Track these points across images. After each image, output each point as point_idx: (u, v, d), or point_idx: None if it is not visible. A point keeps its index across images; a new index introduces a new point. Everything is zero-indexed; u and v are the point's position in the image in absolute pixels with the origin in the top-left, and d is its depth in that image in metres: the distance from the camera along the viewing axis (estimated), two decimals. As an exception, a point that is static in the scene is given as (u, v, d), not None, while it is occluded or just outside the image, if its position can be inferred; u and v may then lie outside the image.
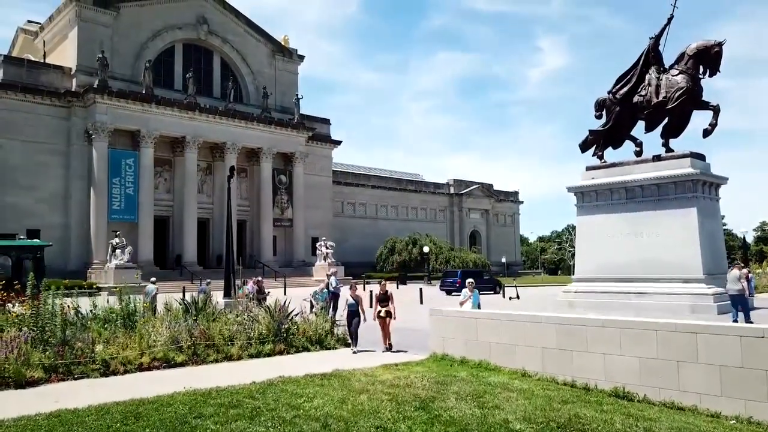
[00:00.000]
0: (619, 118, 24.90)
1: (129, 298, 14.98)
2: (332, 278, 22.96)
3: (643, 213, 23.28)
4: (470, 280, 15.76)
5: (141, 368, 12.15)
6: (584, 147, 26.22)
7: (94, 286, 41.46)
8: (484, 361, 12.08)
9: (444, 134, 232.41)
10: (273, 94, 58.81)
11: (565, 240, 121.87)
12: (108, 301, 15.16)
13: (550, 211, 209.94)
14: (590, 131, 25.99)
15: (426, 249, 57.62)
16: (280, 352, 14.18)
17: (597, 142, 25.83)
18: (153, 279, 23.26)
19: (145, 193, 48.58)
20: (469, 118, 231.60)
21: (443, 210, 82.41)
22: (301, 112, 59.47)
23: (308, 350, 14.70)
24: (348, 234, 67.57)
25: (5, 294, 14.31)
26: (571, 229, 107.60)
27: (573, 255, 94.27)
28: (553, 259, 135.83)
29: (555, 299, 26.43)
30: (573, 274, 29.80)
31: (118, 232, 44.10)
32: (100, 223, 46.40)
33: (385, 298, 14.82)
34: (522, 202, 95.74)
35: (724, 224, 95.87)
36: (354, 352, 14.30)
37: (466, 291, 15.12)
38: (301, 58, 62.99)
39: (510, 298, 33.49)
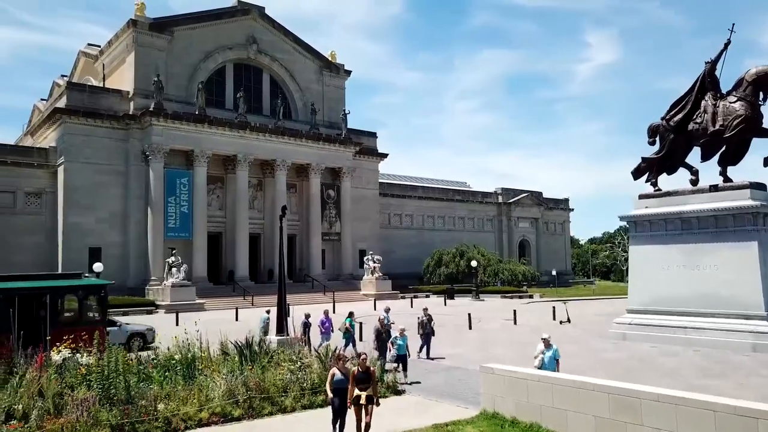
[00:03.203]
0: (673, 145, 24.35)
1: (188, 345, 15.54)
2: (382, 312, 22.75)
3: (700, 245, 22.64)
4: (545, 335, 14.44)
5: (200, 424, 12.61)
6: (637, 174, 25.72)
7: (153, 304, 43.07)
8: (535, 424, 12.03)
9: (489, 133, 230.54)
10: (321, 110, 59.68)
11: (617, 243, 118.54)
12: (164, 348, 15.71)
13: (601, 210, 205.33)
14: (643, 158, 25.47)
15: (474, 263, 57.21)
16: (332, 403, 14.45)
17: (650, 169, 25.32)
18: (267, 309, 25.71)
19: (198, 211, 50.11)
20: (515, 116, 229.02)
21: (491, 219, 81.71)
22: (348, 125, 60.15)
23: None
24: (394, 245, 67.87)
25: (75, 345, 15.07)
26: (623, 232, 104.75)
27: (626, 259, 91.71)
28: (604, 263, 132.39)
29: (608, 330, 25.93)
30: (626, 279, 29.02)
31: (174, 250, 45.65)
32: (157, 241, 48.11)
33: (366, 377, 11.16)
34: (572, 209, 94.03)
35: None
36: None
37: (540, 346, 14.27)
38: (348, 73, 63.68)
39: (561, 322, 32.91)
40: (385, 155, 66.44)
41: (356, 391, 10.98)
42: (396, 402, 14.89)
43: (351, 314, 23.29)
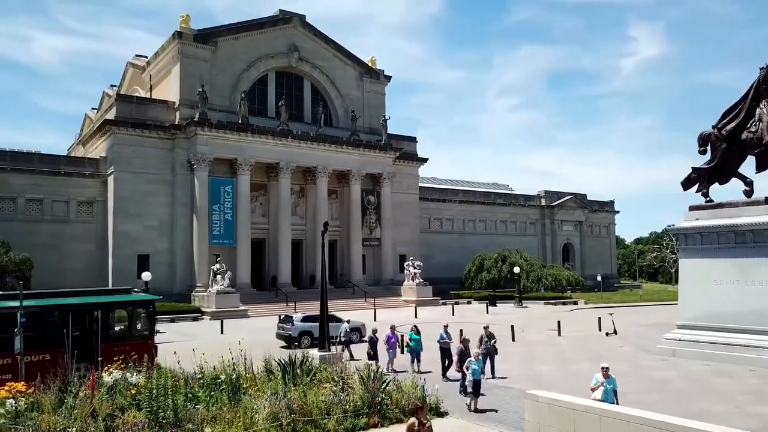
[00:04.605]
0: (725, 155, 23.53)
1: (232, 364, 15.81)
2: (442, 331, 22.14)
3: (755, 260, 21.77)
4: (605, 365, 13.63)
5: (245, 448, 12.79)
6: (687, 185, 24.92)
7: (199, 310, 43.99)
8: (582, 456, 11.73)
9: (530, 131, 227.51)
10: (361, 116, 59.89)
11: (665, 245, 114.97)
12: (209, 363, 15.98)
13: (647, 209, 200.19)
14: (693, 168, 24.67)
15: (517, 269, 56.39)
16: (374, 425, 14.45)
17: (701, 179, 24.52)
18: (348, 319, 27.79)
19: (242, 218, 50.96)
20: (557, 113, 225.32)
21: (534, 223, 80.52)
22: (387, 130, 60.15)
23: (401, 422, 14.79)
24: (434, 250, 67.57)
25: (124, 365, 15.49)
26: (671, 234, 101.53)
27: (675, 261, 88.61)
28: (651, 265, 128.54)
29: (657, 345, 25.17)
30: (674, 282, 28.04)
31: (218, 258, 46.53)
32: (202, 248, 49.12)
33: None
34: (618, 212, 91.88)
35: None
36: None
37: (598, 376, 13.58)
38: (388, 78, 63.71)
39: (607, 334, 32.13)
40: (425, 160, 66.22)
41: None
42: (439, 425, 14.70)
43: (414, 329, 23.00)
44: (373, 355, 21.92)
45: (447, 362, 20.82)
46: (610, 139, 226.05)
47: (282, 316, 29.90)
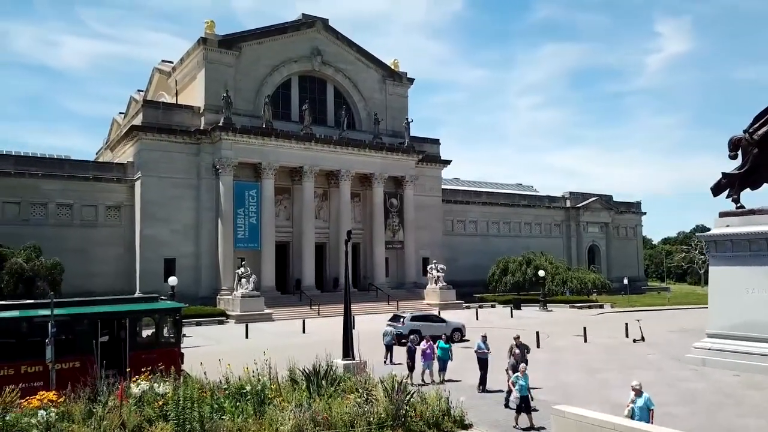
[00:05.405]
0: (757, 160, 23.02)
1: (258, 375, 15.91)
2: (480, 341, 21.16)
3: (789, 268, 21.15)
4: (635, 384, 13.39)
5: (271, 461, 12.86)
6: (717, 190, 24.43)
7: (224, 314, 44.43)
8: (610, 474, 11.56)
9: (554, 130, 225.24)
10: (384, 119, 59.88)
11: (694, 245, 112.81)
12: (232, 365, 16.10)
13: (675, 209, 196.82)
14: (724, 174, 24.17)
15: (542, 273, 55.82)
16: (398, 438, 14.42)
17: (731, 185, 24.00)
18: (388, 323, 30.05)
19: (266, 222, 51.32)
20: (581, 111, 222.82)
21: (558, 225, 79.65)
22: (410, 133, 60.04)
23: (425, 433, 14.82)
24: (458, 252, 67.22)
25: (151, 375, 15.68)
26: (702, 240, 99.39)
27: (704, 261, 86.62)
28: (680, 265, 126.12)
29: (686, 354, 24.68)
30: (705, 284, 27.46)
31: (243, 261, 46.96)
32: (227, 252, 49.61)
33: None
34: (644, 213, 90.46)
35: None
36: None
37: (632, 394, 13.46)
38: (411, 81, 63.63)
39: (634, 340, 31.64)
40: (447, 162, 65.95)
41: None
42: (463, 438, 14.70)
43: (444, 337, 22.80)
44: (410, 365, 21.82)
45: (484, 373, 20.29)
46: (635, 137, 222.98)
47: (392, 316, 34.26)
